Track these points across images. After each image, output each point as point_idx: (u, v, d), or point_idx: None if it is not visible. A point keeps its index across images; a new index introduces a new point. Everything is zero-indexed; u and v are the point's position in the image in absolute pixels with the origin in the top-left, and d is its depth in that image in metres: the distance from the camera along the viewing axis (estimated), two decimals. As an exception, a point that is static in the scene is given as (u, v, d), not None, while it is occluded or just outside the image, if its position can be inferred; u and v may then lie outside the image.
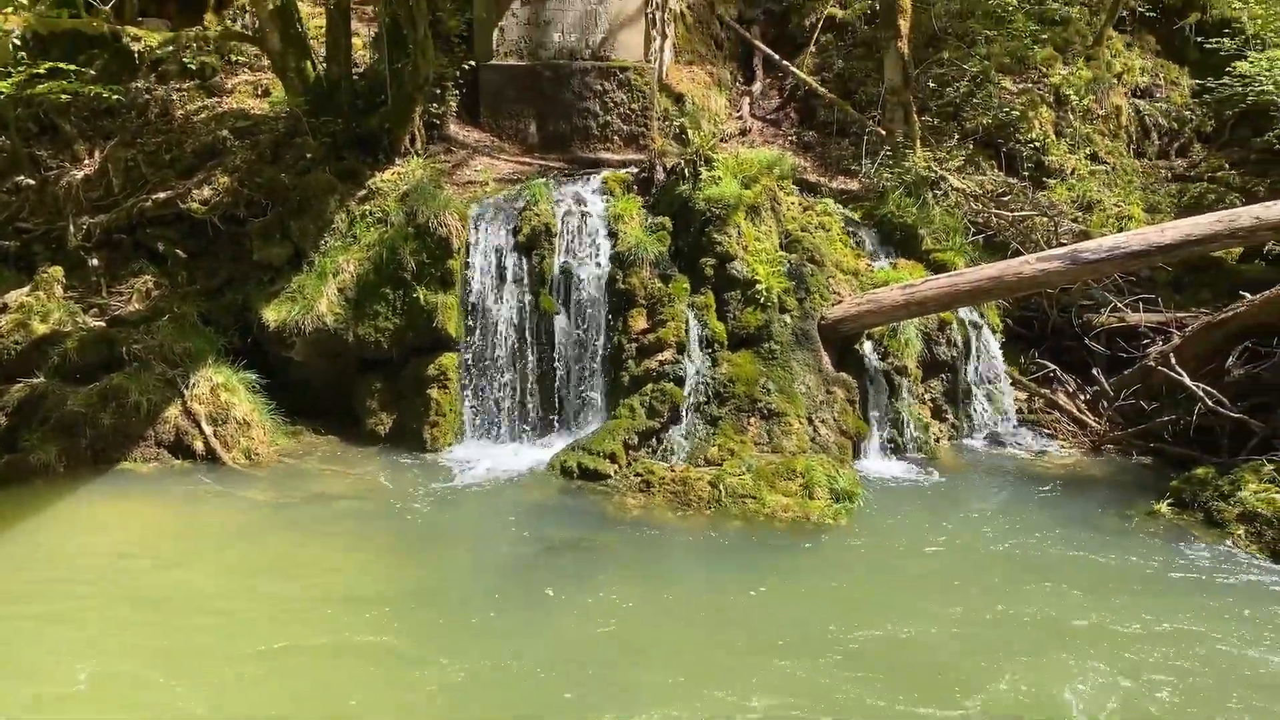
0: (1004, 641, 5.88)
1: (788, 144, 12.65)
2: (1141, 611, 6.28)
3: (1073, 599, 6.43)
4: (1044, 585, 6.63)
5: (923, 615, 6.19)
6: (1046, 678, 5.47)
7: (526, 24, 11.22)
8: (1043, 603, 6.38)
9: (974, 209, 11.09)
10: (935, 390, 9.76)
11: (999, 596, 6.46)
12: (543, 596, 6.38)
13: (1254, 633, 6.04)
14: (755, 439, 8.41)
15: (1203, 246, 7.99)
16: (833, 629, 6.00)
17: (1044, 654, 5.73)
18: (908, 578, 6.74)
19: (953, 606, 6.30)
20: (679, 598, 6.46)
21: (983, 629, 6.05)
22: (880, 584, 6.65)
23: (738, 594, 6.47)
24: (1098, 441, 9.62)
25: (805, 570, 6.82)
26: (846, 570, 6.84)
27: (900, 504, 8.15)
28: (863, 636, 5.93)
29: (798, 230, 9.55)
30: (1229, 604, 6.40)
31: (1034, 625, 6.08)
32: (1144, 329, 10.14)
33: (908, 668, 5.58)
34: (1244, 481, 7.68)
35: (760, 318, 8.79)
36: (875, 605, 6.32)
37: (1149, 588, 6.63)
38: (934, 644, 5.85)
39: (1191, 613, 6.25)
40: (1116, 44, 12.97)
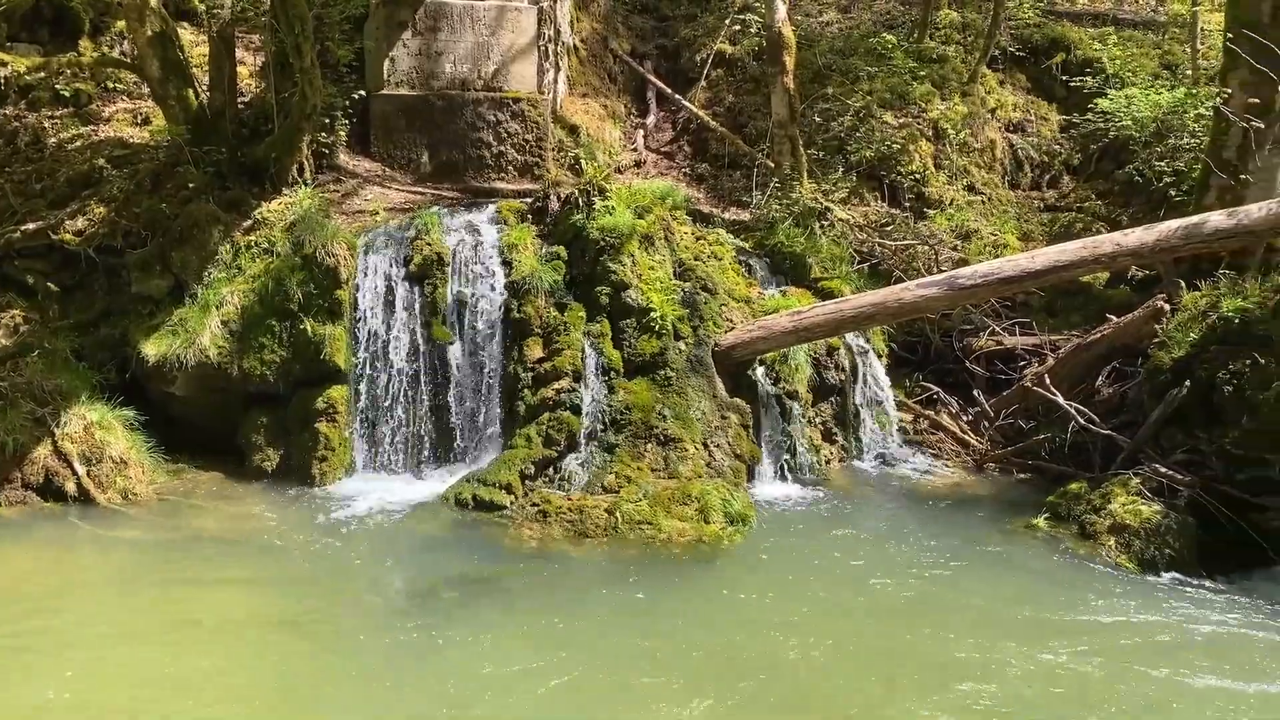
0: (885, 656, 6.02)
1: (681, 176, 12.88)
2: (1020, 622, 6.54)
3: (954, 613, 6.65)
4: (927, 600, 6.83)
5: (813, 633, 6.30)
6: (929, 691, 5.63)
7: (418, 54, 11.18)
8: (926, 619, 6.56)
9: (859, 238, 11.46)
10: (825, 414, 10.00)
11: (883, 612, 6.64)
12: (431, 634, 6.24)
13: (1117, 640, 6.33)
14: (652, 465, 8.45)
15: (1070, 271, 8.42)
16: (726, 653, 6.07)
17: (926, 668, 5.89)
18: (797, 597, 6.84)
19: (839, 623, 6.43)
20: (574, 629, 6.40)
21: (866, 643, 6.20)
22: (772, 605, 6.73)
23: (633, 622, 6.47)
24: (980, 460, 9.99)
25: (700, 595, 6.86)
26: (739, 592, 6.91)
27: (792, 525, 8.30)
28: (756, 659, 6.00)
29: (691, 259, 9.71)
30: (1098, 612, 6.70)
31: (917, 641, 6.25)
32: (1020, 351, 10.62)
33: (799, 691, 5.66)
34: (1114, 495, 8.08)
35: (656, 345, 8.88)
36: (767, 627, 6.40)
37: (1026, 599, 6.89)
38: (821, 663, 5.96)
39: (1063, 622, 6.53)
40: (990, 81, 13.63)
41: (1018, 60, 13.92)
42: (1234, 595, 7.13)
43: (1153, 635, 6.39)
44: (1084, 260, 8.31)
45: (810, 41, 13.62)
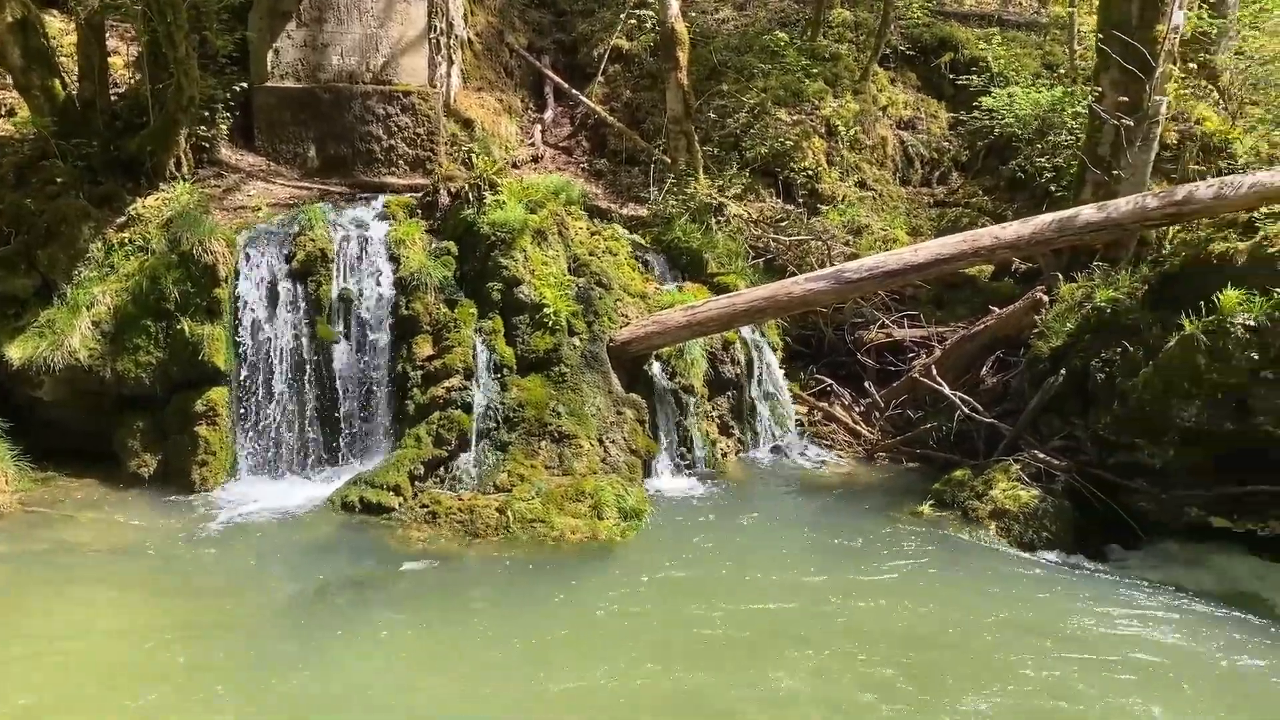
0: (772, 649, 6.06)
1: (580, 171, 12.81)
2: (904, 601, 6.68)
3: (838, 601, 6.74)
4: (814, 590, 6.91)
5: (703, 627, 6.32)
6: (817, 679, 5.69)
7: (303, 46, 10.86)
8: (812, 609, 6.64)
9: (755, 234, 11.58)
10: (722, 407, 10.07)
11: (772, 604, 6.68)
12: (316, 641, 6.06)
13: (996, 611, 6.52)
14: (546, 463, 8.37)
15: (951, 264, 8.65)
16: (615, 651, 6.02)
17: (812, 658, 5.96)
18: (688, 591, 6.84)
19: (730, 615, 6.45)
20: (461, 630, 6.30)
21: (755, 635, 6.23)
22: (661, 600, 6.73)
23: (522, 621, 6.38)
24: (871, 450, 10.19)
25: (589, 592, 6.81)
26: (631, 589, 6.88)
27: (688, 519, 8.32)
28: (647, 656, 5.97)
29: (586, 254, 9.65)
30: (979, 591, 6.89)
31: (804, 633, 6.31)
32: (909, 343, 10.87)
33: (688, 687, 5.66)
34: (995, 481, 8.32)
35: (549, 341, 8.80)
36: (659, 623, 6.39)
37: (910, 584, 7.03)
38: (711, 657, 5.97)
39: (948, 602, 6.69)
40: (882, 80, 13.92)
41: (908, 59, 14.25)
42: (1105, 572, 7.43)
43: (1027, 610, 6.59)
44: (964, 253, 8.54)
45: (706, 38, 13.70)
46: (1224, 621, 6.62)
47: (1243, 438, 7.50)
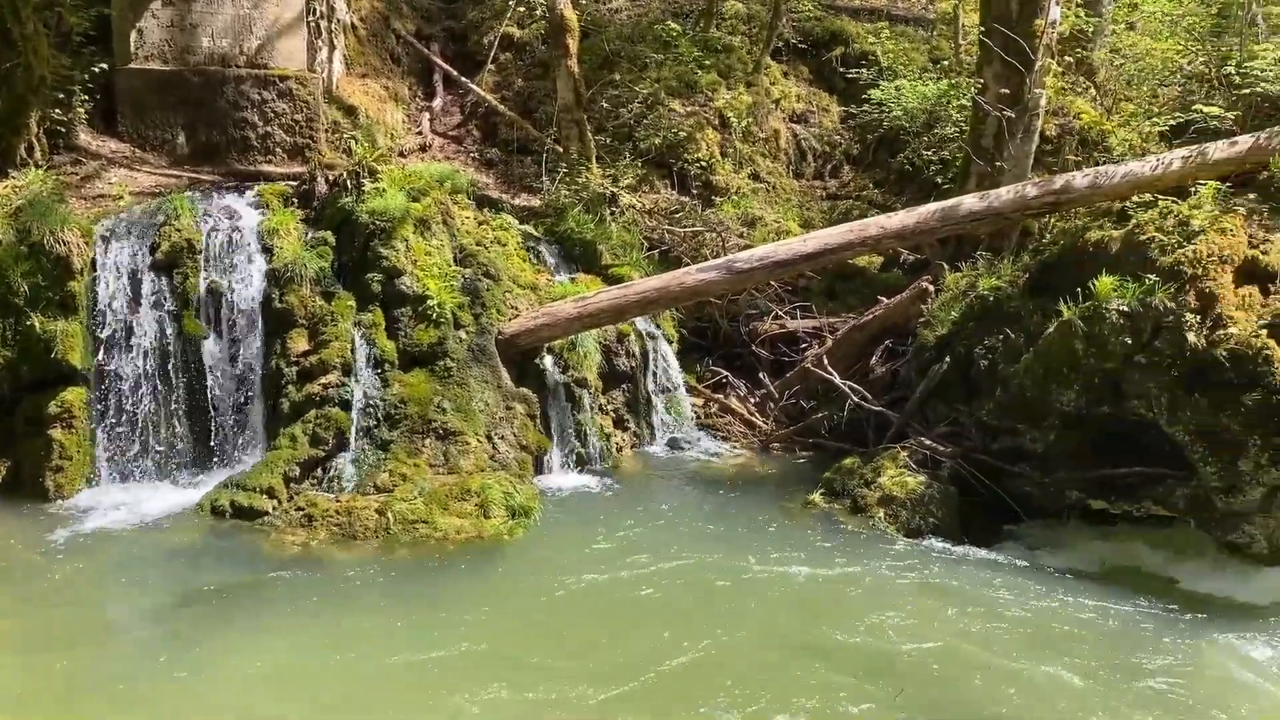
0: (659, 643, 5.92)
1: (470, 160, 12.49)
2: (792, 591, 6.64)
3: (729, 592, 6.66)
4: (704, 583, 6.80)
5: (591, 625, 6.16)
6: (701, 674, 5.58)
7: (170, 26, 10.26)
8: (702, 601, 6.55)
9: (649, 225, 11.46)
10: (617, 401, 9.91)
11: (661, 598, 6.55)
12: (180, 654, 5.69)
13: (881, 600, 6.52)
14: (431, 461, 8.07)
15: (839, 254, 8.67)
16: (498, 653, 5.82)
17: (701, 650, 5.84)
18: (577, 590, 6.64)
19: (618, 613, 6.30)
20: (336, 638, 5.97)
21: (642, 631, 6.09)
22: (550, 599, 6.52)
23: (401, 625, 6.12)
24: (766, 441, 10.18)
25: (473, 594, 6.57)
26: (516, 589, 6.66)
27: (580, 515, 8.13)
28: (530, 656, 5.78)
29: (473, 245, 9.37)
30: (866, 577, 6.89)
31: (692, 625, 6.20)
32: (802, 334, 10.89)
33: (571, 686, 5.48)
34: (884, 468, 8.36)
35: (434, 334, 8.49)
36: (544, 623, 6.19)
37: (799, 572, 6.99)
38: (596, 655, 5.80)
39: (834, 588, 6.67)
40: (775, 72, 13.95)
41: (800, 52, 14.32)
42: (988, 554, 7.52)
43: (914, 595, 6.62)
44: (852, 243, 8.57)
45: (598, 28, 13.52)
46: (1097, 599, 6.76)
47: (1118, 421, 7.70)
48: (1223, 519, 7.24)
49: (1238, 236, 7.28)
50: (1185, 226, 7.41)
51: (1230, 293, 7.13)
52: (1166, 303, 7.19)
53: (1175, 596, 6.96)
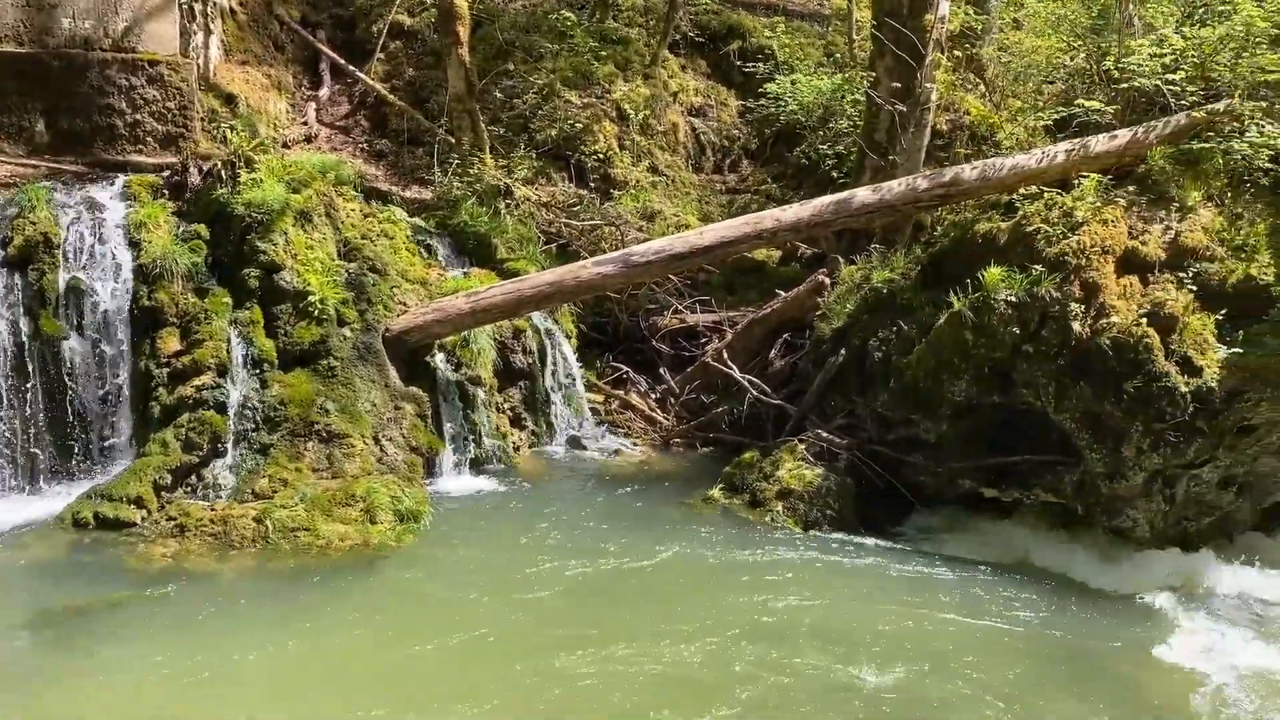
0: (545, 649, 5.71)
1: (359, 152, 12.04)
2: (690, 588, 6.52)
3: (625, 594, 6.51)
4: (598, 584, 6.63)
5: (478, 629, 5.91)
6: (592, 679, 5.39)
7: (25, 5, 9.55)
8: (595, 603, 6.37)
9: (546, 218, 11.22)
10: (514, 399, 9.66)
11: (551, 602, 6.35)
12: (34, 678, 5.25)
13: (778, 593, 6.44)
14: (313, 465, 7.69)
15: (736, 247, 8.59)
16: (380, 663, 5.53)
17: (592, 657, 5.65)
18: (463, 596, 6.39)
19: (506, 617, 6.06)
20: (207, 655, 5.57)
21: (527, 637, 5.88)
22: (436, 607, 6.26)
23: (277, 639, 5.76)
24: (667, 437, 10.06)
25: (355, 603, 6.25)
26: (401, 597, 6.38)
27: (473, 519, 7.87)
28: (414, 666, 5.51)
29: (358, 238, 8.98)
30: (763, 570, 6.81)
31: (584, 629, 6.01)
32: (702, 328, 10.81)
33: (456, 694, 5.23)
34: (782, 462, 8.32)
35: (316, 332, 8.10)
36: (429, 631, 5.90)
37: (696, 569, 6.88)
38: (481, 661, 5.56)
39: (729, 583, 6.57)
40: (673, 65, 13.85)
41: (698, 46, 14.25)
42: (883, 544, 7.55)
43: (811, 586, 6.56)
44: (748, 235, 8.50)
45: (492, 17, 13.19)
46: (988, 586, 6.83)
47: (1008, 409, 7.81)
48: (1108, 504, 7.41)
49: (1119, 227, 7.45)
50: (1069, 218, 7.55)
51: (1112, 282, 7.28)
52: (1052, 293, 7.31)
53: (1061, 583, 7.07)
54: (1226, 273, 7.11)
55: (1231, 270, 7.10)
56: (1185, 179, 7.61)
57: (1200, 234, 7.31)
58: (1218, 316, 6.99)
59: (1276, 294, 6.85)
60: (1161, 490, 7.28)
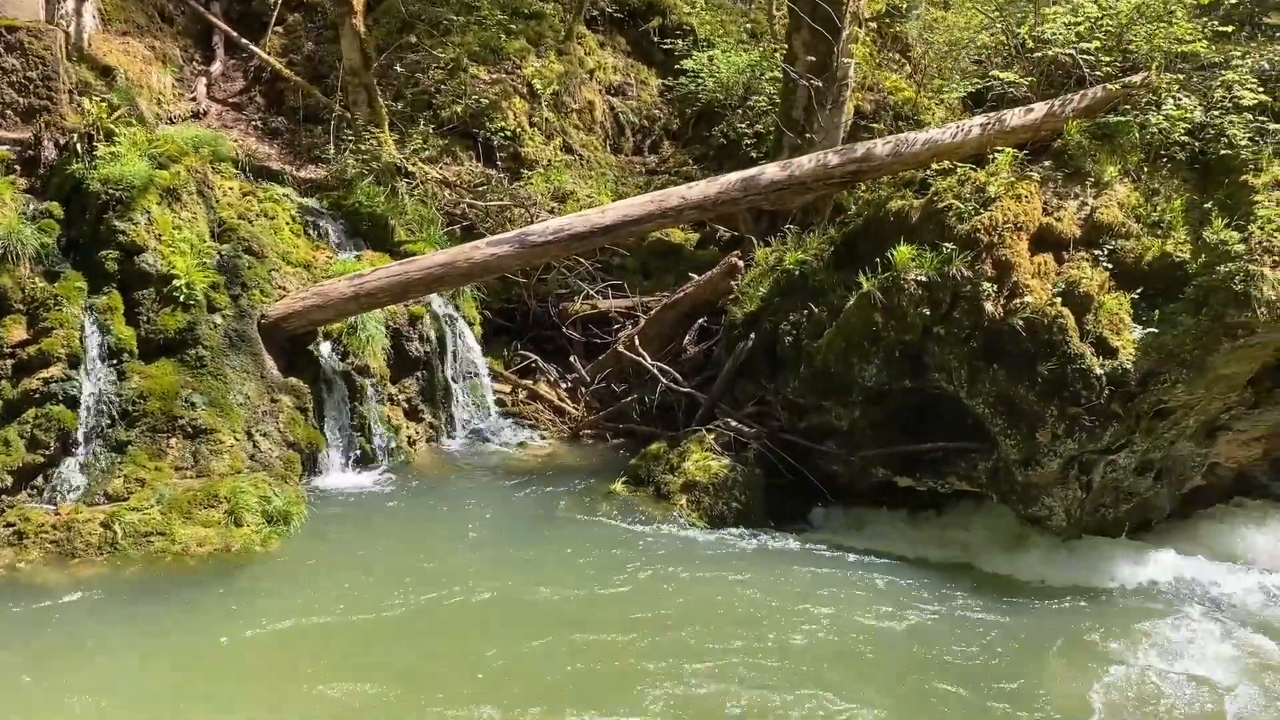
0: (414, 659, 5.22)
1: (252, 129, 11.34)
2: (579, 587, 6.06)
3: (505, 597, 6.01)
4: (483, 589, 6.11)
5: (336, 639, 5.36)
6: (463, 690, 4.89)
7: None
8: (476, 609, 5.87)
9: (451, 199, 10.65)
10: (410, 390, 9.10)
11: (425, 609, 5.83)
12: None
13: (660, 593, 6.01)
14: (177, 463, 7.06)
15: (640, 226, 8.12)
16: (228, 681, 4.98)
17: (466, 663, 5.15)
18: (325, 609, 5.81)
19: (374, 628, 5.52)
20: (36, 677, 4.98)
21: (396, 649, 5.36)
22: (288, 624, 5.65)
23: (116, 657, 5.19)
24: (576, 428, 9.58)
25: (208, 617, 5.65)
26: (260, 609, 5.78)
27: (355, 519, 7.31)
28: (263, 684, 4.96)
29: (234, 218, 8.34)
30: (657, 569, 6.36)
31: (460, 639, 5.51)
32: (615, 314, 10.34)
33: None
34: (690, 453, 7.88)
35: (182, 319, 7.45)
36: (270, 653, 5.35)
37: (587, 570, 6.42)
38: (335, 676, 5.02)
39: (622, 583, 6.12)
40: (590, 42, 13.31)
41: (617, 22, 13.72)
42: (788, 539, 7.15)
43: (706, 589, 6.12)
44: (652, 214, 8.03)
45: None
46: (894, 580, 6.48)
47: (921, 395, 7.45)
48: (1023, 492, 7.08)
49: (1032, 203, 7.12)
50: (981, 194, 7.20)
51: (1025, 261, 6.96)
52: (963, 272, 6.96)
53: (978, 576, 6.75)
54: (1142, 250, 6.82)
55: (1147, 247, 6.82)
56: (1101, 154, 7.32)
57: (1116, 210, 7.02)
58: (1133, 295, 6.71)
59: (1192, 271, 6.57)
60: (1078, 477, 6.97)
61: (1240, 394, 7.01)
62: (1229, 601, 6.34)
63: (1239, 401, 7.10)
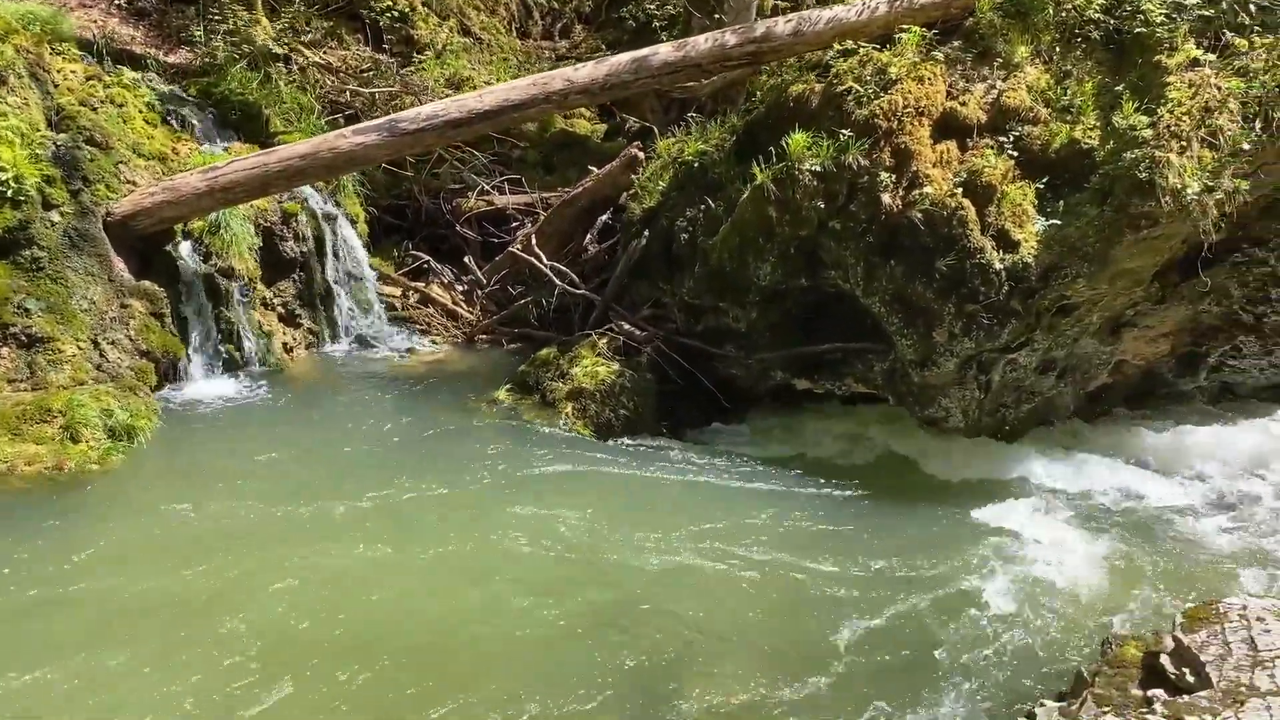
0: (247, 579, 4.81)
1: (115, 9, 10.27)
2: (443, 502, 5.64)
3: (364, 510, 5.60)
4: (337, 503, 5.68)
5: (166, 568, 4.93)
6: (316, 612, 4.50)
7: None
8: (329, 523, 5.45)
9: (335, 86, 9.84)
10: (286, 294, 8.50)
11: (271, 526, 5.40)
12: None
13: (525, 506, 5.67)
14: (10, 375, 6.47)
15: (523, 111, 7.48)
16: (49, 611, 4.53)
17: (314, 584, 4.76)
18: (171, 529, 5.38)
19: (197, 559, 5.07)
20: None
21: (239, 570, 4.94)
22: (137, 539, 5.23)
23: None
24: (470, 333, 9.09)
25: (28, 547, 5.14)
26: (94, 531, 5.30)
27: (212, 432, 6.80)
28: (93, 612, 4.53)
29: (75, 106, 7.53)
30: (525, 483, 6.00)
31: (308, 553, 5.10)
32: (513, 211, 9.73)
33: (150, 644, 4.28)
34: (580, 358, 7.46)
35: (13, 217, 6.73)
36: (121, 569, 4.91)
37: (459, 481, 6.01)
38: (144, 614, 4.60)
39: (477, 499, 5.75)
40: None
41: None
42: (682, 445, 6.86)
43: (587, 503, 5.76)
44: (536, 99, 7.39)
45: None
46: (783, 485, 6.21)
47: (818, 294, 7.07)
48: (920, 393, 6.79)
49: (936, 86, 6.62)
50: (883, 76, 6.68)
51: (927, 149, 6.50)
52: (860, 161, 6.49)
53: (861, 478, 6.49)
54: (1050, 136, 6.39)
55: (1055, 134, 6.38)
56: (1013, 33, 6.80)
57: (1024, 94, 6.55)
58: (1039, 185, 6.31)
59: (1100, 159, 6.16)
60: (976, 377, 6.69)
61: (1146, 289, 6.72)
62: (1113, 502, 6.16)
63: (1145, 297, 6.82)
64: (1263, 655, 3.13)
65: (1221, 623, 3.38)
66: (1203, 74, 6.04)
